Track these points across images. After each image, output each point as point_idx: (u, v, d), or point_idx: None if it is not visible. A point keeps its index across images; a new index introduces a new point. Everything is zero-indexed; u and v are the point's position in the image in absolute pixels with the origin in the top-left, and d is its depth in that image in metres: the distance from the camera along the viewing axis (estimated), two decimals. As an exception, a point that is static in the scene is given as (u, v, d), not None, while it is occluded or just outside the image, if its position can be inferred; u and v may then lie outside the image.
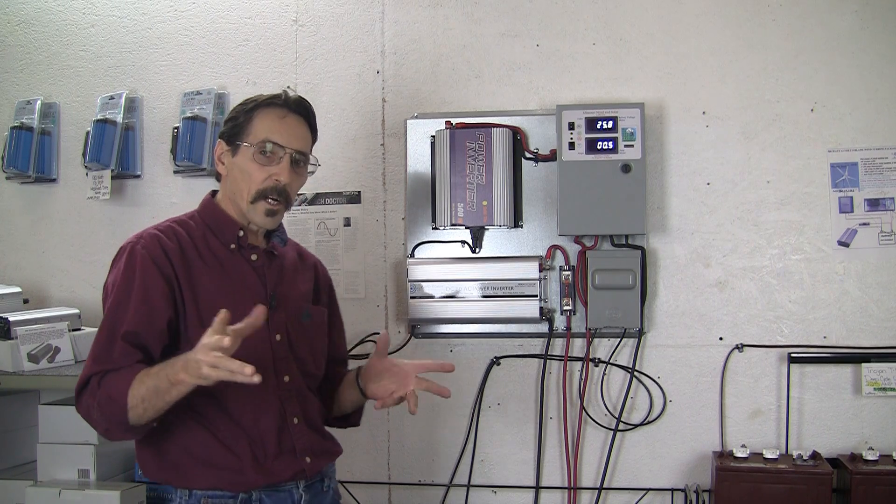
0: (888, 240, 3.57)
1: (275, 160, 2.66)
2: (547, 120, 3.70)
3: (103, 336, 2.51)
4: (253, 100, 2.73)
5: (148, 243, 2.58)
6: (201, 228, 2.70)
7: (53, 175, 4.21)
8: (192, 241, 2.65)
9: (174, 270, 2.56)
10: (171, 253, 2.58)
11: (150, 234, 2.61)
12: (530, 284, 3.61)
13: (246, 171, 2.66)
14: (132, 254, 2.56)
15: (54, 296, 4.19)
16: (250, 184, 2.66)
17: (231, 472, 2.57)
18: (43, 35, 4.24)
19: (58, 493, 3.49)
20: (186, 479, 2.59)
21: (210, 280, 2.62)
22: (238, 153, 2.69)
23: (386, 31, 3.92)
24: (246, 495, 2.58)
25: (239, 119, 2.70)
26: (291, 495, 2.68)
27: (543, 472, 3.80)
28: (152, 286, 2.53)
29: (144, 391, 2.40)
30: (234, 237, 2.70)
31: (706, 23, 3.69)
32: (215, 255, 2.67)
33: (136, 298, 2.51)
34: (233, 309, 2.48)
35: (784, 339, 3.63)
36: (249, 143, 2.66)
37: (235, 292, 2.64)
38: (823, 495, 3.34)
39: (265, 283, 2.71)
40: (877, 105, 3.60)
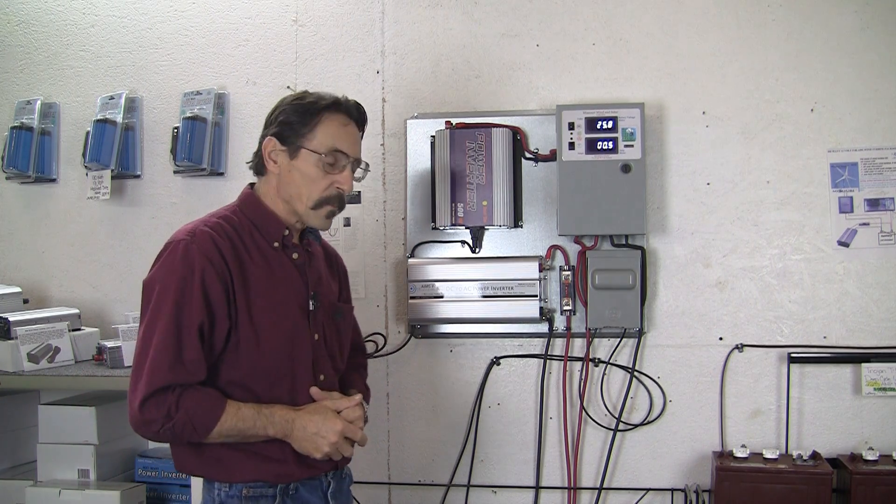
0: (888, 240, 3.57)
1: (338, 168, 2.66)
2: (547, 120, 3.70)
3: (169, 334, 2.45)
4: (313, 102, 2.67)
5: (203, 242, 2.53)
6: (247, 225, 2.66)
7: (53, 175, 4.21)
8: (240, 239, 2.61)
9: (229, 271, 2.53)
10: (225, 253, 2.54)
11: (204, 232, 2.55)
12: (530, 284, 3.61)
13: (309, 177, 2.64)
14: (188, 252, 2.50)
15: (54, 296, 4.19)
16: (312, 190, 2.65)
17: (276, 463, 2.59)
18: (43, 35, 4.24)
19: (58, 493, 3.51)
20: (229, 471, 2.58)
21: (260, 279, 2.60)
22: (298, 157, 2.65)
23: (386, 31, 3.92)
24: (284, 486, 2.62)
25: (296, 121, 2.65)
26: (321, 483, 2.71)
27: (543, 472, 3.80)
28: (211, 287, 2.49)
29: (233, 432, 2.50)
30: (280, 235, 2.68)
31: (706, 23, 3.69)
32: (262, 253, 2.64)
33: (197, 297, 2.48)
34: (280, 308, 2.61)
35: (784, 339, 3.63)
36: (314, 149, 2.63)
37: (283, 292, 2.65)
38: (823, 495, 3.34)
39: (307, 281, 2.72)
40: (877, 105, 3.60)
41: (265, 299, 2.58)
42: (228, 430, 2.49)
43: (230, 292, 2.53)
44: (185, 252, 2.50)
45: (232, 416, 2.48)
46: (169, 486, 3.68)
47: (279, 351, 2.59)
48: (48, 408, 3.71)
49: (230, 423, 2.48)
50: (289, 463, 2.60)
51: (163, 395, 2.42)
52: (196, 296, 2.47)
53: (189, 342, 2.46)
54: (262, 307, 2.57)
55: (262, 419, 2.52)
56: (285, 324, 2.62)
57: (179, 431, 2.45)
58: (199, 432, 2.46)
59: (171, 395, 2.43)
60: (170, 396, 2.42)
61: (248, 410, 2.52)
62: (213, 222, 2.62)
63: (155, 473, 3.70)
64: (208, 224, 2.60)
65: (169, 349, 2.44)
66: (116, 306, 4.10)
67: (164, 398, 2.42)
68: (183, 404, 2.43)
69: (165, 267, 2.52)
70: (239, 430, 2.50)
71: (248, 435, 2.52)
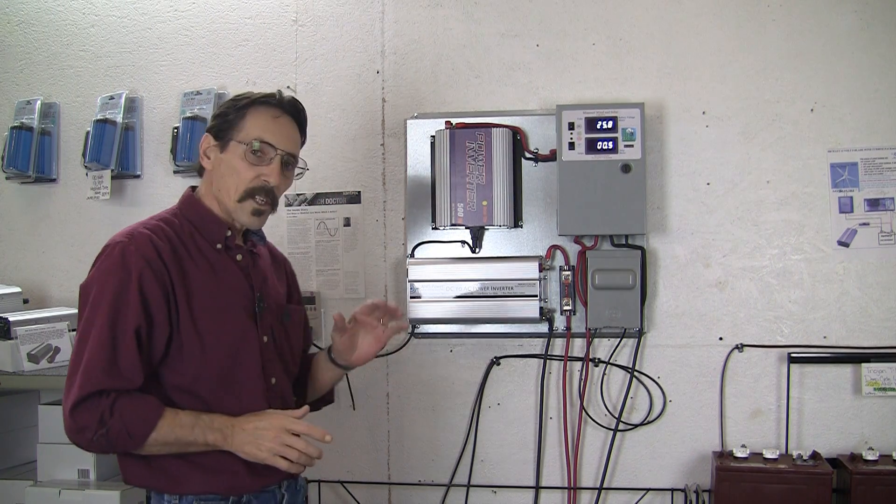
0: (888, 240, 3.57)
1: (265, 160, 2.60)
2: (547, 120, 3.70)
3: (105, 338, 2.38)
4: (245, 96, 2.66)
5: (142, 244, 2.47)
6: (187, 227, 2.60)
7: (53, 175, 4.21)
8: (181, 241, 2.56)
9: (168, 273, 2.47)
10: (164, 255, 2.48)
11: (142, 234, 2.50)
12: (530, 284, 3.61)
13: (235, 169, 2.59)
14: (125, 254, 2.44)
15: (54, 296, 4.19)
16: (238, 182, 2.59)
17: (227, 475, 2.52)
18: (43, 35, 4.25)
19: (58, 493, 3.51)
20: (179, 483, 2.51)
21: (202, 282, 2.54)
22: (227, 150, 2.61)
23: (386, 31, 3.92)
24: (237, 498, 2.55)
25: (230, 115, 2.63)
26: (275, 495, 2.66)
27: (543, 472, 3.80)
28: (149, 290, 2.43)
29: (170, 439, 2.41)
30: (222, 237, 2.63)
31: (706, 23, 3.69)
32: (204, 255, 2.58)
33: (134, 299, 2.40)
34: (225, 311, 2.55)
35: (784, 339, 3.63)
36: (240, 140, 2.59)
37: (226, 294, 2.59)
38: (823, 495, 3.34)
39: (251, 283, 2.66)
40: (877, 105, 3.60)
41: (208, 302, 2.53)
42: (165, 438, 2.40)
43: (170, 295, 2.47)
44: (123, 254, 2.44)
45: (169, 422, 2.40)
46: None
47: (225, 355, 2.53)
48: (48, 408, 3.71)
49: (166, 430, 2.40)
50: (240, 475, 2.53)
51: (96, 400, 2.34)
52: (133, 298, 2.40)
53: (124, 346, 2.38)
54: (205, 310, 2.51)
55: (201, 425, 2.44)
56: (230, 327, 2.56)
57: (114, 439, 2.36)
58: (134, 440, 2.38)
59: (105, 399, 2.35)
60: (104, 401, 2.34)
61: (187, 418, 2.44)
62: (153, 224, 2.57)
63: (155, 473, 3.70)
64: (147, 226, 2.55)
65: (104, 353, 2.37)
66: (116, 306, 4.10)
67: (97, 403, 2.34)
68: (117, 410, 2.35)
69: (102, 269, 2.46)
70: (177, 437, 2.42)
71: (186, 442, 2.44)
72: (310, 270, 3.93)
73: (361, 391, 3.89)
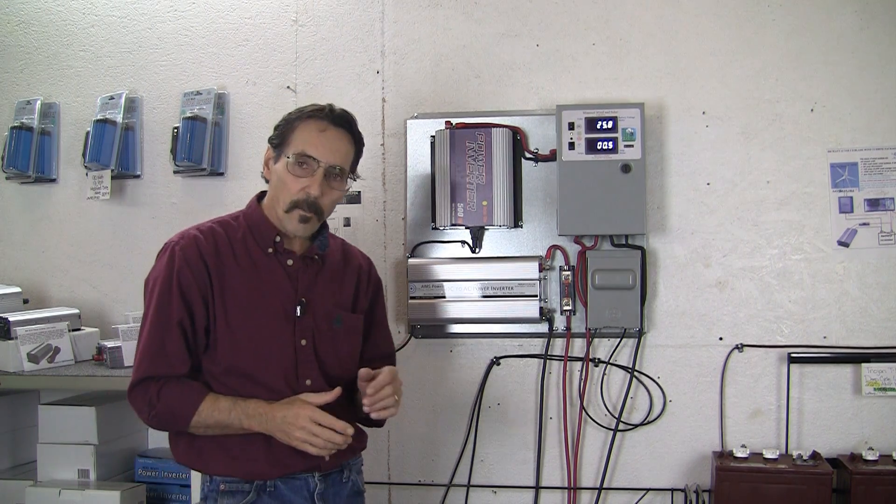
0: (888, 240, 3.57)
1: (309, 173, 2.71)
2: (547, 120, 3.70)
3: (154, 329, 2.64)
4: (299, 110, 2.78)
5: (186, 244, 2.69)
6: (242, 230, 2.78)
7: (53, 175, 4.21)
8: (229, 243, 2.74)
9: (208, 272, 2.67)
10: (206, 254, 2.68)
11: (190, 235, 2.72)
12: (530, 284, 3.62)
13: (283, 181, 2.73)
14: (172, 252, 2.68)
15: (54, 296, 4.18)
16: (286, 193, 2.71)
17: (245, 461, 2.68)
18: (43, 35, 4.24)
19: (58, 493, 3.51)
20: (207, 464, 2.71)
21: (241, 282, 2.70)
22: (279, 162, 2.75)
23: (386, 31, 3.92)
24: (261, 482, 2.69)
25: (284, 128, 2.77)
26: (307, 483, 2.74)
27: (543, 473, 3.79)
28: (186, 286, 2.64)
29: (211, 422, 2.63)
30: (272, 241, 2.77)
31: (706, 23, 3.69)
32: (252, 258, 2.74)
33: (176, 294, 2.63)
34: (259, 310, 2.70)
35: (784, 339, 3.63)
36: (288, 154, 2.72)
37: (264, 295, 2.72)
38: (823, 495, 3.34)
39: (297, 287, 2.77)
40: (877, 105, 3.60)
41: (243, 301, 2.70)
42: (206, 420, 2.62)
43: (208, 293, 2.68)
44: (170, 253, 2.69)
45: (209, 406, 2.61)
46: (169, 486, 3.69)
47: (254, 352, 2.69)
48: (48, 408, 3.71)
49: (207, 413, 2.61)
50: (259, 462, 2.68)
51: (146, 386, 2.62)
52: (175, 294, 2.64)
53: (169, 337, 2.63)
54: (240, 308, 2.69)
55: (237, 410, 2.62)
56: (262, 325, 2.70)
57: (165, 420, 2.65)
58: (179, 421, 2.64)
59: (154, 385, 2.61)
60: (152, 387, 2.61)
61: (225, 402, 2.63)
62: (207, 227, 2.78)
63: (155, 473, 3.70)
64: (201, 228, 2.77)
65: (153, 343, 2.63)
66: (116, 306, 4.10)
67: (146, 388, 2.62)
68: (163, 395, 2.61)
69: (156, 267, 2.73)
70: (216, 420, 2.62)
71: (225, 425, 2.63)
72: (310, 270, 3.93)
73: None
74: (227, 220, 2.81)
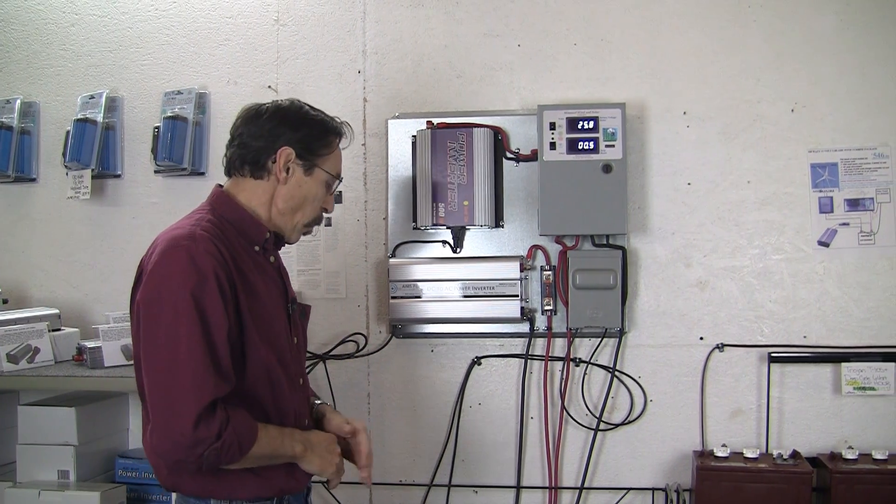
0: (868, 240, 3.58)
1: (331, 191, 2.72)
2: (528, 120, 3.70)
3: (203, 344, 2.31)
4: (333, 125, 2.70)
5: (207, 245, 2.38)
6: (227, 227, 2.54)
7: (33, 175, 4.19)
8: (230, 243, 2.49)
9: (233, 275, 2.42)
10: (224, 254, 2.42)
11: (203, 236, 2.40)
12: (511, 284, 3.62)
13: (315, 197, 2.65)
14: (194, 256, 2.34)
15: (34, 296, 4.16)
16: (313, 208, 2.66)
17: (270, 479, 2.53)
18: (23, 34, 4.22)
19: (37, 495, 3.50)
20: (234, 490, 2.49)
21: (257, 282, 2.52)
22: (313, 174, 2.63)
23: (367, 30, 3.92)
24: (279, 499, 2.58)
25: (322, 140, 2.65)
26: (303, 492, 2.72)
27: (524, 472, 3.80)
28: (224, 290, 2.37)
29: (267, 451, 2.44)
30: (262, 239, 2.60)
31: (687, 24, 3.70)
32: (249, 257, 2.55)
33: (217, 301, 2.34)
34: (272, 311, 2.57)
35: (764, 338, 3.64)
36: (328, 170, 2.66)
37: (272, 295, 2.60)
38: (803, 494, 3.36)
39: (285, 285, 2.71)
40: (857, 106, 3.61)
41: (262, 301, 2.51)
42: (262, 450, 2.41)
43: (235, 297, 2.41)
44: (192, 256, 2.34)
45: (265, 434, 2.42)
46: (149, 487, 3.67)
47: (274, 356, 2.51)
48: (28, 408, 3.70)
49: (264, 442, 2.41)
50: (281, 478, 2.54)
51: (213, 413, 2.29)
52: (216, 300, 2.33)
53: (222, 350, 2.34)
54: (262, 311, 2.49)
55: (287, 437, 2.49)
56: (278, 327, 2.58)
57: (225, 452, 2.31)
58: (242, 451, 2.35)
59: (221, 412, 2.30)
60: (220, 413, 2.30)
61: (274, 430, 2.46)
62: (205, 225, 2.46)
63: (135, 474, 3.69)
64: (201, 227, 2.45)
65: (206, 361, 2.30)
66: (97, 306, 4.09)
67: (214, 416, 2.29)
68: (231, 423, 2.31)
69: (173, 276, 2.35)
70: (272, 449, 2.45)
71: (277, 455, 2.48)
72: (291, 270, 3.90)
73: (342, 391, 3.87)
74: (210, 218, 2.51)
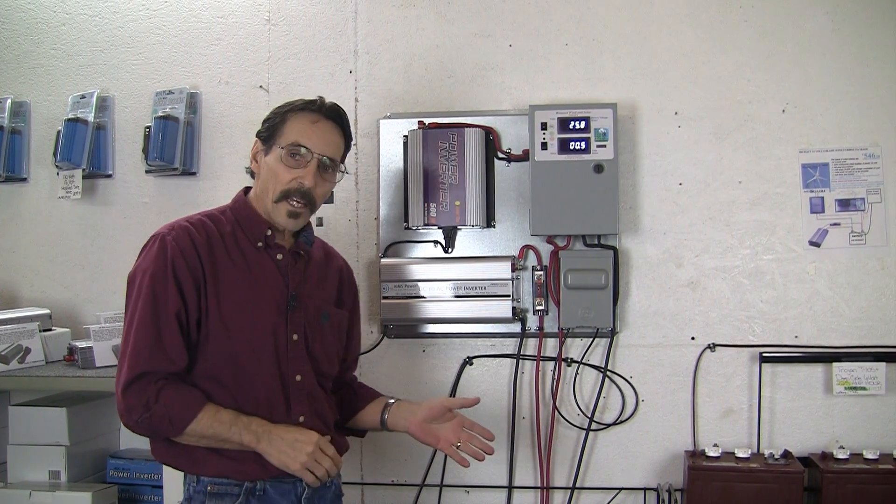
0: (859, 240, 3.59)
1: (302, 164, 2.73)
2: (520, 120, 3.70)
3: (148, 321, 2.56)
4: (290, 103, 2.81)
5: (179, 235, 2.64)
6: (231, 224, 2.77)
7: (24, 174, 4.17)
8: (220, 237, 2.72)
9: (201, 264, 2.64)
10: (199, 246, 2.65)
11: (181, 226, 2.68)
12: (503, 284, 3.61)
13: (274, 172, 2.74)
14: (163, 243, 2.63)
15: (25, 296, 4.15)
16: (276, 184, 2.73)
17: (234, 461, 2.64)
18: (13, 33, 4.21)
19: (28, 495, 3.49)
20: (196, 465, 2.66)
21: (234, 276, 2.69)
22: (270, 153, 2.76)
23: (359, 30, 3.91)
24: (251, 484, 2.66)
25: (274, 120, 2.78)
26: (295, 487, 2.74)
27: (516, 472, 3.79)
28: (182, 276, 2.60)
29: (208, 433, 2.58)
30: (262, 235, 2.77)
31: (678, 24, 3.71)
32: (242, 252, 2.73)
33: (172, 285, 2.58)
34: (252, 305, 2.68)
35: (756, 338, 3.65)
36: (281, 145, 2.73)
37: (257, 290, 2.72)
38: (795, 494, 3.36)
39: (288, 282, 2.78)
40: (848, 106, 3.62)
41: (237, 294, 2.67)
42: (203, 431, 2.56)
43: (201, 284, 2.63)
44: (161, 244, 2.62)
45: (209, 416, 2.56)
46: (141, 487, 3.67)
47: (249, 346, 2.66)
48: (18, 409, 3.69)
49: (205, 423, 2.56)
50: (246, 462, 2.65)
51: (144, 383, 2.53)
52: (171, 284, 2.58)
53: (167, 329, 2.56)
54: (233, 302, 2.67)
55: (239, 425, 2.59)
56: (255, 320, 2.69)
57: (156, 424, 2.54)
58: (175, 427, 2.55)
59: (153, 385, 2.53)
60: (151, 387, 2.52)
61: (227, 415, 2.60)
62: (196, 219, 2.75)
63: (126, 474, 3.69)
64: (190, 220, 2.73)
65: (149, 336, 2.55)
66: (88, 306, 4.08)
67: (144, 386, 2.52)
68: (163, 396, 2.52)
69: (144, 258, 2.65)
70: (214, 432, 2.57)
71: (222, 438, 2.59)
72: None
73: (334, 391, 3.87)
74: (215, 214, 2.80)
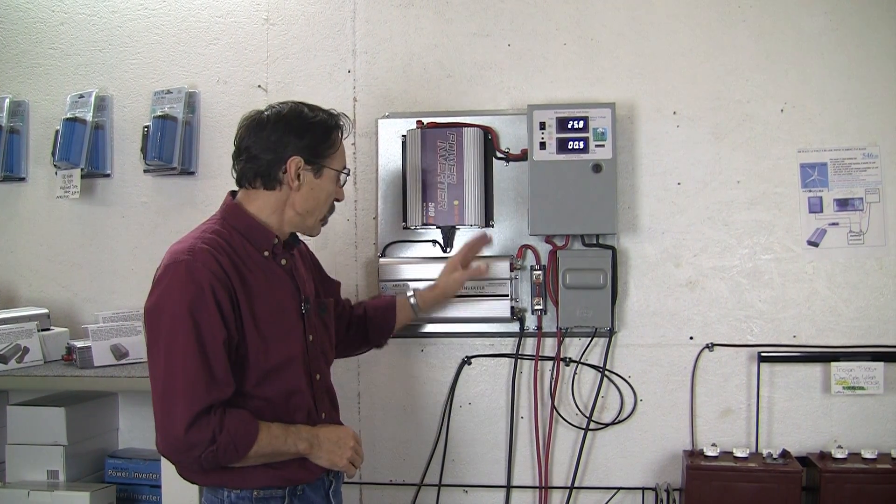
0: (857, 240, 3.59)
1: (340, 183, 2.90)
2: (518, 120, 3.70)
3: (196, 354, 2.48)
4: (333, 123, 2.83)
5: (206, 259, 2.56)
6: (236, 236, 2.71)
7: (22, 174, 4.17)
8: (234, 250, 2.67)
9: (231, 284, 2.58)
10: (226, 267, 2.59)
11: (202, 249, 2.59)
12: (501, 284, 3.61)
13: (327, 193, 2.83)
14: (191, 268, 2.53)
15: (23, 295, 4.15)
16: (325, 205, 2.85)
17: (279, 470, 2.67)
18: (12, 32, 4.21)
19: (27, 495, 3.49)
20: (246, 480, 2.64)
21: (260, 288, 2.68)
22: (322, 175, 2.79)
23: (357, 30, 3.91)
24: (293, 488, 2.71)
25: (325, 141, 2.79)
26: (324, 482, 2.84)
27: (514, 472, 3.80)
28: (222, 302, 2.54)
29: (268, 451, 2.60)
30: (270, 244, 2.76)
31: (677, 23, 3.70)
32: (256, 264, 2.71)
33: (214, 312, 2.52)
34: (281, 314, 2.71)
35: (754, 338, 3.65)
36: (335, 168, 2.82)
37: (279, 299, 2.73)
38: (793, 493, 3.36)
39: (297, 286, 2.81)
40: (846, 106, 3.61)
41: (267, 306, 2.67)
42: (263, 450, 2.58)
43: (235, 305, 2.58)
44: (189, 270, 2.53)
45: (266, 434, 2.58)
46: (139, 487, 3.67)
47: (283, 355, 2.68)
48: (17, 408, 3.69)
49: (265, 442, 2.57)
50: (291, 467, 2.68)
51: (206, 418, 2.47)
52: (212, 312, 2.51)
53: (216, 359, 2.51)
54: (267, 314, 2.67)
55: (291, 436, 2.64)
56: (287, 329, 2.72)
57: (222, 455, 2.50)
58: (239, 453, 2.53)
59: (214, 416, 2.48)
60: (213, 418, 2.48)
61: (278, 429, 2.62)
62: (208, 238, 2.64)
63: (125, 474, 3.69)
64: (203, 240, 2.63)
65: (201, 369, 2.48)
66: (86, 306, 4.08)
67: (207, 420, 2.47)
68: (226, 426, 2.49)
69: (173, 288, 2.53)
70: (273, 448, 2.60)
71: (280, 453, 2.63)
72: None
73: (333, 391, 3.88)
74: (216, 229, 2.71)
